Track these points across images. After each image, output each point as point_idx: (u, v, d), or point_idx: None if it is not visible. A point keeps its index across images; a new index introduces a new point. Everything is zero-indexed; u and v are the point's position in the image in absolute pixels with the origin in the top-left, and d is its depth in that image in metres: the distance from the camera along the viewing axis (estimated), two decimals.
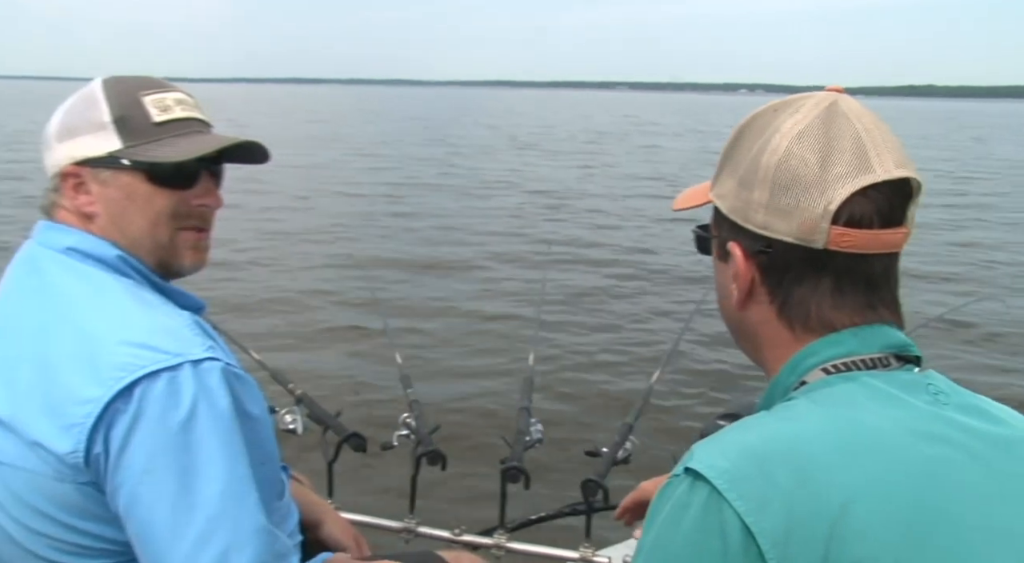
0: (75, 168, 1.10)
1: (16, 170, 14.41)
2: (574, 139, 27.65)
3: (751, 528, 0.63)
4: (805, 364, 0.78)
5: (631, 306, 6.78)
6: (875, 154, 0.75)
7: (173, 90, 1.15)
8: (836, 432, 0.68)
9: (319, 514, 1.57)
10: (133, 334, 0.97)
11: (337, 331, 5.86)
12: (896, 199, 0.76)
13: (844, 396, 0.73)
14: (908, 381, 0.75)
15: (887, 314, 0.78)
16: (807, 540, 0.62)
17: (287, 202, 11.57)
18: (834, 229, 0.75)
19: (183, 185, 1.12)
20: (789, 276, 0.79)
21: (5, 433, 0.98)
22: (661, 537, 0.68)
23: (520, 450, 1.87)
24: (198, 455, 0.94)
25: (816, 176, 0.75)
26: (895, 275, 0.80)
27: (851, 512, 0.62)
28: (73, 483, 0.95)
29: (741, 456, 0.67)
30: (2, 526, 1.01)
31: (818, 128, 0.77)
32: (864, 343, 0.76)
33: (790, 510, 0.63)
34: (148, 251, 1.12)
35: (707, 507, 0.65)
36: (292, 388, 2.04)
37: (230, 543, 0.93)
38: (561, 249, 8.13)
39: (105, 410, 0.92)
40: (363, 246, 8.92)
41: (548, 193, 13.24)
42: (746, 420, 0.74)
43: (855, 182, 0.74)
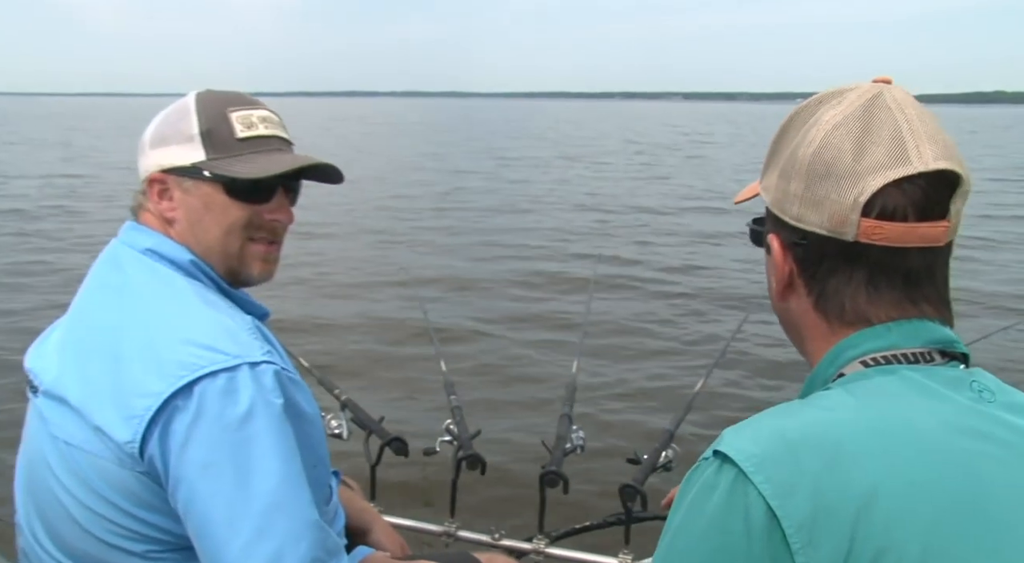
0: (161, 175, 1.17)
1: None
2: (623, 151, 27.51)
3: (776, 511, 0.62)
4: (844, 356, 0.77)
5: (677, 317, 6.71)
6: (914, 145, 0.74)
7: (260, 108, 1.21)
8: (868, 421, 0.68)
9: (367, 521, 1.61)
10: (197, 335, 1.02)
11: (383, 338, 5.94)
12: (935, 192, 0.74)
13: (880, 388, 0.72)
14: (951, 377, 0.73)
15: (930, 310, 0.77)
16: (833, 526, 0.61)
17: (335, 215, 11.77)
18: (864, 221, 0.74)
19: (258, 200, 1.18)
20: (823, 268, 0.79)
21: (75, 418, 1.04)
22: (687, 518, 0.69)
23: (560, 455, 1.88)
24: (254, 452, 0.98)
25: (848, 167, 0.75)
26: (942, 271, 0.78)
27: (879, 500, 0.62)
28: (132, 471, 1.00)
29: (770, 440, 0.67)
30: (66, 505, 1.06)
31: (857, 119, 0.76)
32: (906, 337, 0.75)
33: (817, 496, 0.62)
34: (219, 259, 1.18)
35: (733, 489, 0.65)
36: (338, 394, 2.09)
37: (284, 537, 0.97)
38: (608, 264, 8.12)
39: (164, 405, 0.97)
40: (409, 257, 8.99)
41: (594, 206, 13.18)
42: (778, 407, 0.73)
43: (888, 173, 0.73)
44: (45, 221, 11.12)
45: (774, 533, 0.62)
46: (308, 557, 0.98)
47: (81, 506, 1.04)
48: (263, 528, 0.96)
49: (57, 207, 12.35)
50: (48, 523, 1.10)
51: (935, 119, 0.77)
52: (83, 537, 1.06)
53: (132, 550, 1.04)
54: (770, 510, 0.63)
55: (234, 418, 0.97)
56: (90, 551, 1.06)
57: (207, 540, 0.97)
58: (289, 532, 0.97)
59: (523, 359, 5.53)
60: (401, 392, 4.73)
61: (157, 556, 1.05)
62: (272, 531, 0.96)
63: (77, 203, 12.90)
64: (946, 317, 0.78)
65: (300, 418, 1.08)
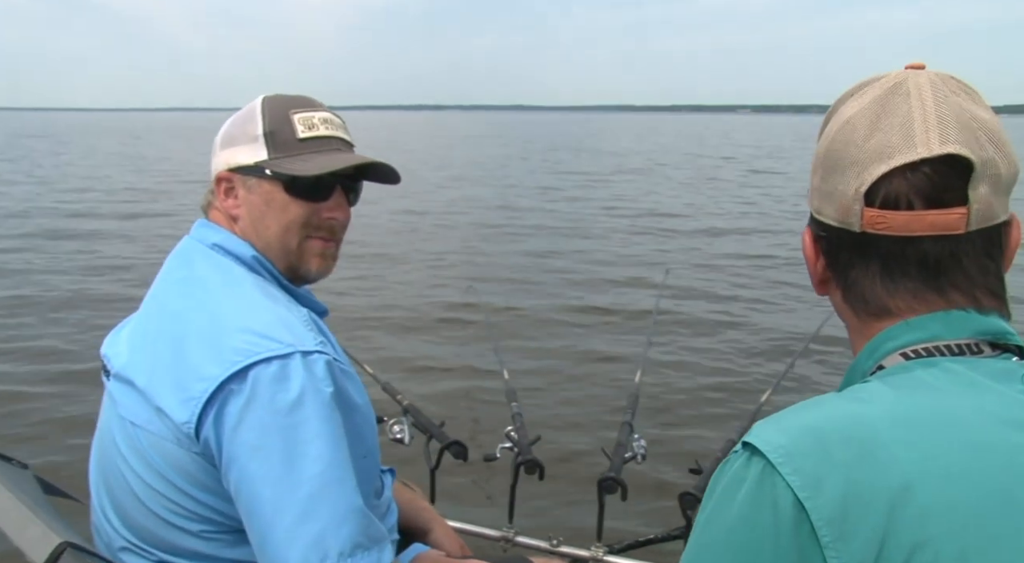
0: (228, 174, 1.23)
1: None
2: (688, 164, 27.21)
3: (804, 504, 0.60)
4: (884, 348, 0.75)
5: (744, 330, 6.58)
6: (923, 131, 0.71)
7: (321, 110, 1.25)
8: (905, 412, 0.65)
9: (428, 522, 1.63)
10: (254, 323, 1.06)
11: (447, 347, 6.00)
12: (943, 178, 0.71)
13: (920, 380, 0.69)
14: (1000, 369, 0.69)
15: (961, 300, 0.73)
16: (864, 520, 0.58)
17: (396, 226, 11.95)
18: (868, 211, 0.73)
19: (316, 198, 1.22)
20: (842, 261, 0.78)
21: (141, 399, 1.09)
22: (715, 512, 0.67)
23: (619, 462, 1.87)
24: (302, 437, 1.01)
25: (853, 157, 0.74)
26: (976, 259, 0.73)
27: (914, 493, 0.59)
28: (189, 451, 1.05)
29: (800, 432, 0.65)
30: (130, 483, 1.12)
31: (872, 109, 0.75)
32: (950, 328, 0.72)
33: (847, 488, 0.60)
34: (278, 255, 1.23)
35: (761, 481, 0.63)
36: (400, 399, 2.13)
37: (328, 521, 0.99)
38: (673, 278, 8.02)
39: (219, 388, 1.01)
40: (471, 269, 9.07)
41: (659, 218, 13.07)
42: (812, 399, 0.70)
43: (890, 161, 0.71)
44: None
45: (802, 527, 0.60)
46: (350, 542, 1.00)
47: (143, 484, 1.09)
48: (307, 511, 0.99)
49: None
50: (115, 500, 1.16)
51: (971, 101, 0.74)
52: (145, 514, 1.11)
53: (188, 529, 1.09)
54: (798, 503, 0.60)
55: (285, 404, 1.00)
56: (150, 528, 1.11)
57: (255, 520, 1.01)
58: (332, 516, 1.00)
59: (587, 368, 5.52)
60: (464, 400, 4.77)
61: (212, 536, 1.09)
62: (316, 514, 0.99)
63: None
64: (990, 307, 0.73)
65: (350, 408, 1.11)
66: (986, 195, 0.71)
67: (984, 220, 0.72)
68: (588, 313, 7.07)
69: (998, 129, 0.73)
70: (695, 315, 6.98)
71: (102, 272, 8.47)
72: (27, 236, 10.67)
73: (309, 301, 1.28)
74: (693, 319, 6.82)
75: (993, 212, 0.72)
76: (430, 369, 5.51)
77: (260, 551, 1.01)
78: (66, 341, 5.88)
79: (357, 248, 9.42)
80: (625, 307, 7.22)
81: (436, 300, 7.47)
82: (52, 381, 5.07)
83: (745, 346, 6.12)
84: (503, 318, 6.61)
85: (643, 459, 1.96)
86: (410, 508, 1.62)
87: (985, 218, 0.72)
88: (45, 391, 4.90)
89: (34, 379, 5.15)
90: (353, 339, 5.77)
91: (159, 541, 1.12)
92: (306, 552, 0.98)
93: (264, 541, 1.00)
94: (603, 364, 5.59)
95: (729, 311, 7.19)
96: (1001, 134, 0.73)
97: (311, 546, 0.98)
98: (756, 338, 6.35)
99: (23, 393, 4.84)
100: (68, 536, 1.03)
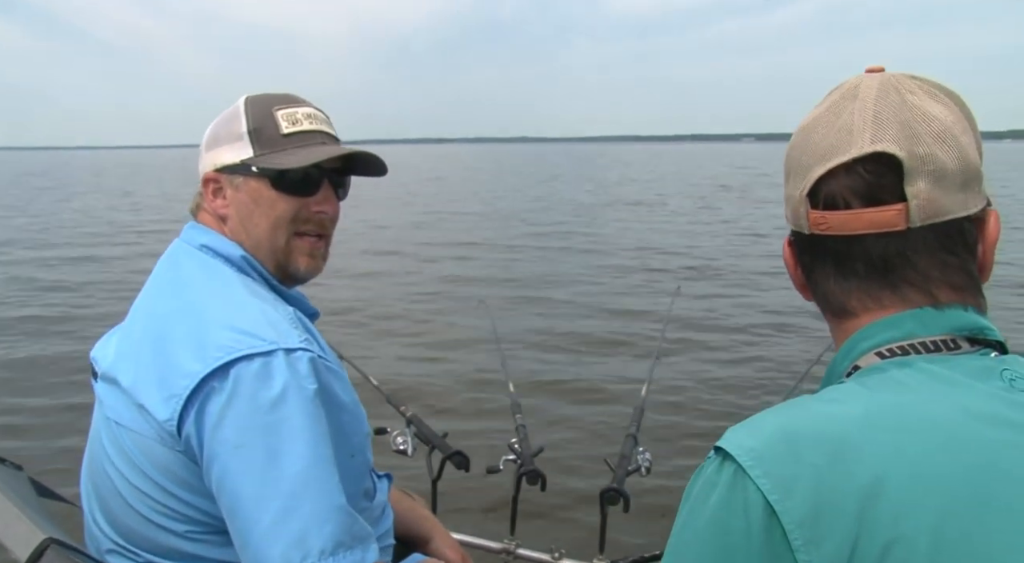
0: (215, 174, 1.23)
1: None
2: (691, 194, 27.28)
3: (775, 507, 0.60)
4: (858, 348, 0.74)
5: (754, 349, 6.55)
6: (860, 131, 0.72)
7: (305, 105, 1.25)
8: (878, 412, 0.64)
9: (428, 530, 1.61)
10: (238, 320, 1.05)
11: (454, 361, 5.99)
12: (877, 176, 0.71)
13: (895, 380, 0.68)
14: (978, 366, 0.68)
15: (918, 296, 0.73)
16: (836, 521, 0.58)
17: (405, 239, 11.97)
18: (812, 213, 0.75)
19: (304, 192, 1.21)
20: (805, 264, 0.81)
21: (125, 399, 1.08)
22: (690, 515, 0.66)
23: (622, 474, 1.86)
24: (284, 434, 0.99)
25: (801, 162, 0.76)
26: (931, 254, 0.72)
27: (885, 492, 0.58)
28: (172, 450, 1.03)
29: (771, 435, 0.64)
30: (115, 483, 1.11)
31: (824, 114, 0.76)
32: (924, 325, 0.72)
33: (818, 490, 0.59)
34: (267, 253, 1.22)
35: (732, 485, 0.63)
36: (403, 410, 2.11)
37: (309, 519, 0.97)
38: (684, 295, 8.02)
39: (200, 384, 1.00)
40: (480, 288, 9.10)
41: (660, 249, 13.06)
42: (786, 402, 0.70)
43: (827, 163, 0.73)
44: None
45: (774, 530, 0.59)
46: (332, 540, 0.98)
47: (128, 484, 1.08)
48: (289, 509, 0.97)
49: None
50: (103, 502, 1.15)
51: (928, 99, 0.74)
52: (130, 515, 1.09)
53: (174, 529, 1.07)
54: (769, 506, 0.60)
55: (266, 401, 0.99)
56: (136, 529, 1.10)
57: (236, 518, 0.99)
58: (314, 514, 0.98)
59: (593, 383, 5.51)
60: (469, 413, 4.76)
61: (197, 537, 1.08)
62: (297, 512, 0.97)
63: None
64: (951, 302, 0.72)
65: (336, 406, 1.09)
66: (927, 191, 0.71)
67: (930, 216, 0.71)
68: (596, 329, 7.08)
69: (950, 125, 0.72)
70: (705, 331, 6.97)
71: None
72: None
73: (299, 303, 1.27)
74: (703, 335, 6.81)
75: (941, 208, 0.71)
76: (436, 381, 5.50)
77: (242, 549, 0.99)
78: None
79: (361, 262, 9.47)
80: (634, 322, 7.24)
81: (443, 311, 7.48)
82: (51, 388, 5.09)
83: (756, 363, 6.09)
84: (511, 332, 6.63)
85: (647, 472, 1.94)
86: (411, 517, 1.60)
87: (931, 214, 0.71)
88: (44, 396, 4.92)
89: (33, 385, 5.18)
90: (358, 349, 5.76)
91: (145, 542, 1.10)
92: (287, 550, 0.96)
93: (246, 539, 0.98)
94: (610, 379, 5.58)
95: (741, 329, 7.17)
96: (953, 129, 0.72)
97: (292, 544, 0.96)
98: (768, 355, 6.33)
99: (21, 398, 4.87)
100: (55, 535, 1.02)
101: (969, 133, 0.74)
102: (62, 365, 5.86)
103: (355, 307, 7.46)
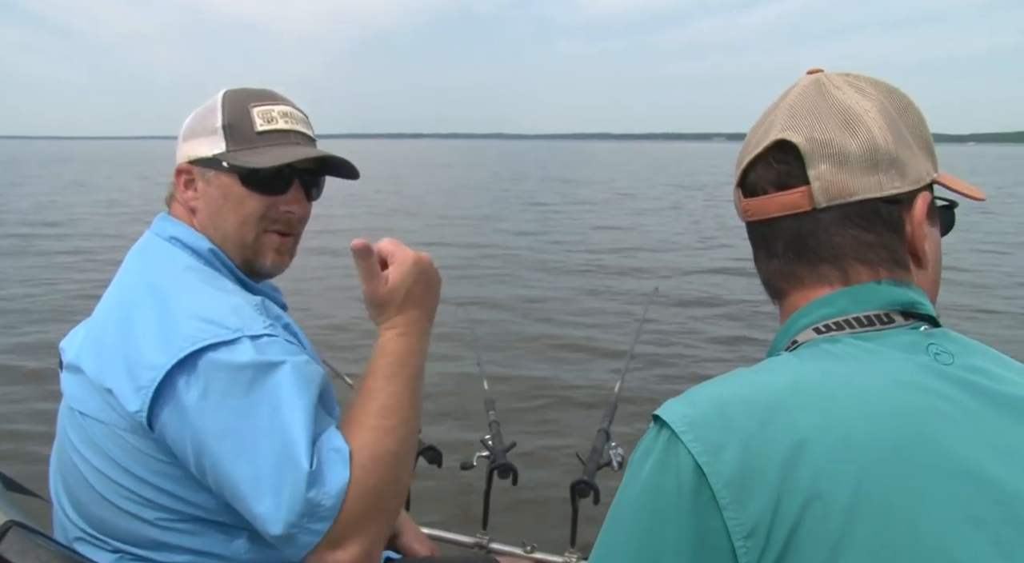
0: (188, 166, 1.24)
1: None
2: (659, 190, 27.47)
3: (704, 469, 0.63)
4: (796, 325, 0.78)
5: (730, 343, 6.63)
6: (776, 124, 0.80)
7: (282, 103, 1.25)
8: (807, 380, 0.68)
9: (397, 525, 1.62)
10: (202, 309, 1.05)
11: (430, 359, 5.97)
12: (782, 162, 0.79)
13: (826, 351, 0.72)
14: (905, 340, 0.72)
15: (832, 273, 0.77)
16: (760, 481, 0.61)
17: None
18: (742, 202, 0.84)
19: (273, 191, 1.22)
20: (753, 251, 0.87)
21: (90, 389, 1.08)
22: (627, 481, 0.70)
23: (593, 468, 1.87)
24: (262, 411, 0.98)
25: (739, 157, 0.85)
26: (844, 232, 0.76)
27: (806, 453, 0.61)
28: (143, 438, 1.03)
29: (705, 403, 0.68)
30: (84, 473, 1.10)
31: (762, 115, 0.85)
32: (856, 301, 0.76)
33: (746, 453, 0.62)
34: (235, 248, 1.23)
35: (667, 450, 0.66)
36: None
37: (298, 482, 0.96)
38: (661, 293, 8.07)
39: (167, 376, 0.99)
40: (457, 289, 9.09)
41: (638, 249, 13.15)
42: (723, 374, 0.74)
43: (748, 155, 0.82)
44: None
45: (703, 491, 0.62)
46: (317, 453, 0.98)
47: (96, 473, 1.08)
48: (281, 480, 0.96)
49: None
50: (70, 491, 1.15)
51: (851, 92, 0.79)
52: (99, 503, 1.09)
53: (144, 517, 1.07)
54: (699, 468, 0.63)
55: (240, 386, 0.99)
56: (106, 518, 1.09)
57: (239, 501, 0.99)
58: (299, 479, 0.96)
59: (567, 382, 5.54)
60: (444, 410, 4.75)
61: (169, 525, 1.07)
62: (289, 480, 0.96)
63: None
64: (864, 281, 0.76)
65: (305, 380, 1.06)
66: (829, 173, 0.76)
67: (836, 196, 0.76)
68: (570, 329, 7.10)
69: (862, 113, 0.77)
70: (680, 328, 7.03)
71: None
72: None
73: (267, 296, 1.25)
74: (678, 334, 6.86)
75: (847, 188, 0.76)
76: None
77: (257, 525, 0.99)
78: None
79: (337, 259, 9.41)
80: (609, 322, 7.27)
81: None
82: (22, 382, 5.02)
83: (731, 356, 6.16)
84: (487, 330, 6.63)
85: (619, 467, 1.96)
86: None
87: (835, 194, 0.76)
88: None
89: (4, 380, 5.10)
90: (332, 347, 5.72)
91: (115, 530, 1.10)
92: (290, 503, 0.95)
93: (255, 518, 0.98)
94: (584, 377, 5.61)
95: (717, 326, 7.25)
96: (863, 117, 0.77)
97: (291, 503, 0.95)
98: (742, 349, 6.40)
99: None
100: (19, 519, 1.02)
101: (891, 120, 0.78)
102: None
103: (313, 306, 7.35)
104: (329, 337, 6.19)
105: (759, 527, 0.60)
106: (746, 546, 0.60)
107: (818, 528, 0.59)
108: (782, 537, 0.60)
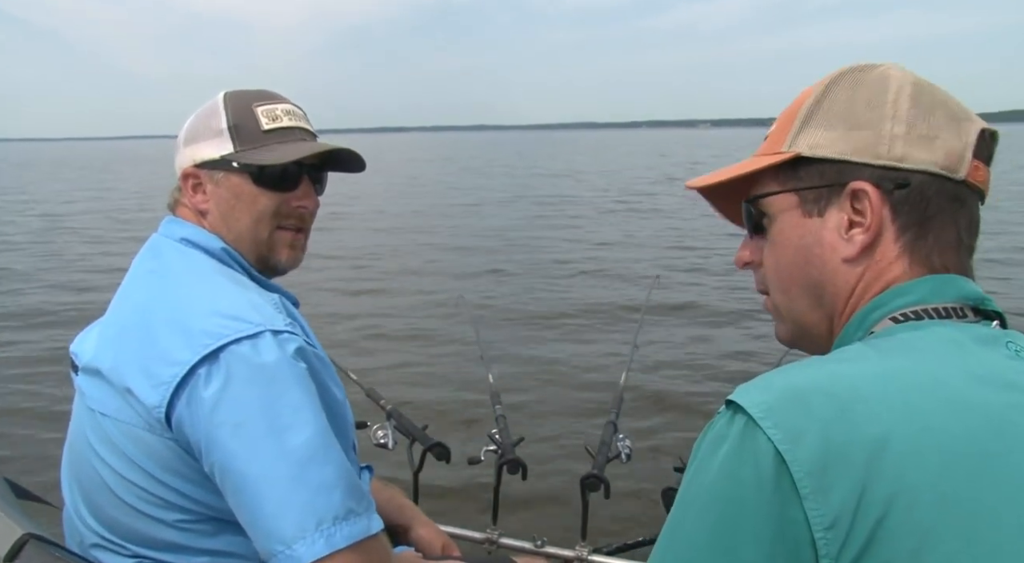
0: (194, 170, 1.24)
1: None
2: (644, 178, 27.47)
3: (784, 456, 0.61)
4: (873, 316, 0.76)
5: (735, 333, 6.63)
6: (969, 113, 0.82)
7: (284, 102, 1.27)
8: (888, 370, 0.66)
9: (409, 519, 1.62)
10: (223, 306, 1.06)
11: (434, 352, 5.98)
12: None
13: (904, 341, 0.70)
14: (984, 334, 0.71)
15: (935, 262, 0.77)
16: (843, 471, 0.59)
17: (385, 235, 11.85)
18: (973, 161, 0.80)
19: (284, 188, 1.23)
20: (910, 218, 0.82)
21: (108, 388, 1.08)
22: (699, 468, 0.67)
23: (602, 461, 1.87)
24: (283, 409, 1.00)
25: (946, 111, 0.82)
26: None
27: (891, 445, 0.60)
28: (161, 437, 1.03)
29: (782, 390, 0.66)
30: (102, 475, 1.09)
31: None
32: (936, 292, 0.75)
33: (827, 441, 0.60)
34: (249, 246, 1.24)
35: (743, 436, 0.64)
36: (384, 404, 2.10)
37: (318, 487, 0.98)
38: (663, 284, 8.06)
39: (190, 372, 1.00)
40: (455, 283, 9.06)
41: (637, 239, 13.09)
42: (796, 363, 0.71)
43: (977, 124, 0.81)
44: None
45: (783, 479, 0.60)
46: (343, 506, 0.99)
47: (115, 474, 1.07)
48: (297, 479, 0.97)
49: None
50: (87, 496, 1.14)
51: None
52: (118, 506, 1.08)
53: (163, 519, 1.06)
54: (779, 455, 0.61)
55: (261, 380, 1.00)
56: (124, 521, 1.09)
57: (244, 498, 0.99)
58: (322, 482, 0.98)
59: (573, 371, 5.53)
60: (451, 405, 4.75)
61: (187, 527, 1.07)
62: (306, 482, 0.97)
63: None
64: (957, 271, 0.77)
65: (324, 387, 1.10)
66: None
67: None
68: (575, 316, 7.11)
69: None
70: (683, 318, 7.02)
71: None
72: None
73: (280, 292, 1.26)
74: (682, 323, 6.85)
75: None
76: (416, 374, 5.49)
77: (252, 526, 0.99)
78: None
79: (338, 257, 9.37)
80: (613, 311, 7.27)
81: (423, 303, 7.45)
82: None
83: (735, 348, 6.16)
84: (490, 322, 6.64)
85: (628, 459, 1.95)
86: (390, 506, 1.60)
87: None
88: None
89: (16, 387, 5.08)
90: (337, 344, 5.72)
91: (133, 534, 1.09)
92: (300, 519, 0.96)
93: (255, 516, 0.98)
94: (589, 368, 5.60)
95: (722, 315, 7.23)
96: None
97: (304, 513, 0.96)
98: (747, 340, 6.39)
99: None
100: (35, 531, 1.01)
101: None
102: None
103: (324, 289, 7.39)
104: (330, 338, 6.18)
105: (841, 518, 0.59)
106: (827, 537, 0.59)
107: (906, 521, 0.58)
108: (866, 529, 0.58)
